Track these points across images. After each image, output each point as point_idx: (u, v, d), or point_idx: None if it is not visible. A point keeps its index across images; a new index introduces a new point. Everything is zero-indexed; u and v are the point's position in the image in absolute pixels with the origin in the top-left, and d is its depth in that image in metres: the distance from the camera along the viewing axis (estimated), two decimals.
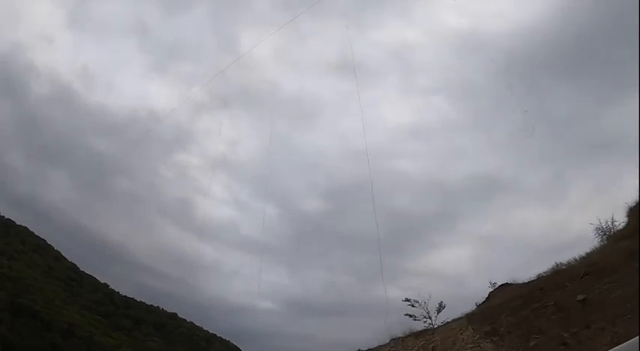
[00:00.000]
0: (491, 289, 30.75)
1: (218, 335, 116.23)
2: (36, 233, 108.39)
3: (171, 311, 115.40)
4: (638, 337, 6.60)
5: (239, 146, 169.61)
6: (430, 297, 30.27)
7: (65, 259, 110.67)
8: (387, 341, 25.17)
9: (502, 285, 29.80)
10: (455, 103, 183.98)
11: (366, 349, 25.71)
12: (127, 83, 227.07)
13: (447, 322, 24.23)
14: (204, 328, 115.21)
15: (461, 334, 21.47)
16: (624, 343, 7.77)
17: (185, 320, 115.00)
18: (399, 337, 24.05)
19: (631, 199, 25.36)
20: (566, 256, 26.58)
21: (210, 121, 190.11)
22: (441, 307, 29.60)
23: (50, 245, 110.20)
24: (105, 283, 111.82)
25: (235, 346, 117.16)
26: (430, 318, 29.07)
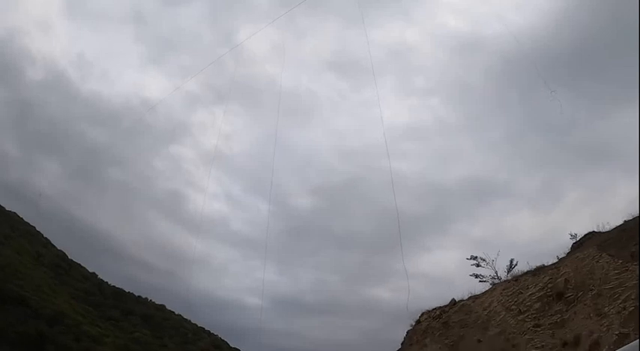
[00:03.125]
0: (573, 241, 27.14)
1: (206, 329, 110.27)
2: (25, 219, 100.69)
3: (160, 303, 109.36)
4: (638, 341, 6.53)
5: (232, 140, 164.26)
6: (498, 254, 26.47)
7: (54, 246, 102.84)
8: (490, 287, 21.36)
9: (587, 234, 26.32)
10: (451, 105, 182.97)
11: (467, 296, 21.67)
12: (123, 73, 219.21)
13: (568, 253, 20.64)
14: (193, 322, 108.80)
15: (597, 262, 17.84)
16: (625, 346, 7.65)
17: (173, 313, 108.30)
18: (512, 278, 20.19)
19: (623, 205, 22.30)
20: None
21: (205, 114, 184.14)
22: (512, 266, 25.73)
23: (39, 232, 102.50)
24: (94, 273, 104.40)
25: (223, 340, 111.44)
26: (499, 278, 25.30)
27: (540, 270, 19.78)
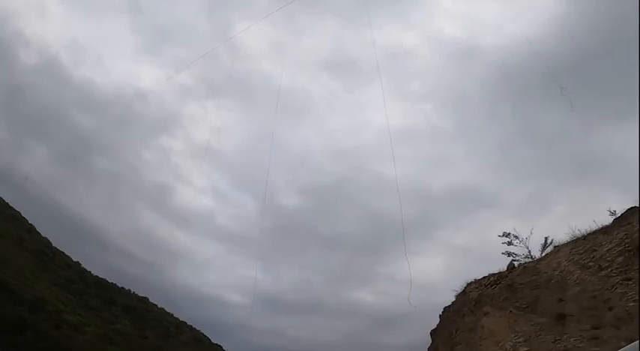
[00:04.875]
0: (613, 217, 25.55)
1: (188, 323, 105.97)
2: (10, 204, 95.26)
3: (143, 295, 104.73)
4: (638, 342, 6.33)
5: (223, 135, 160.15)
6: (532, 232, 24.59)
7: (38, 233, 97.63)
8: (547, 252, 19.60)
9: (629, 209, 24.82)
10: (444, 111, 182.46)
11: (523, 262, 19.80)
12: (116, 61, 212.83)
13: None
14: (175, 315, 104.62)
15: None
16: (625, 347, 7.38)
17: (156, 305, 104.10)
18: (579, 238, 18.43)
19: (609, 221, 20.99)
20: None
21: (197, 107, 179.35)
22: (546, 244, 23.88)
23: (24, 217, 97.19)
24: (77, 262, 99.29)
25: (205, 335, 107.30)
26: (532, 257, 23.49)
27: (609, 228, 18.17)
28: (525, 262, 20.18)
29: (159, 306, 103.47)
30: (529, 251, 25.02)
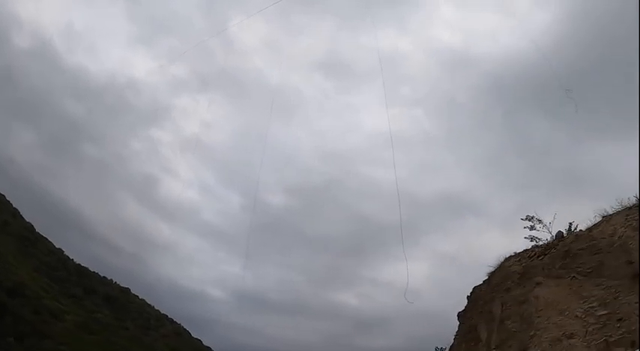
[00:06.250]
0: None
1: (169, 316, 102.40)
2: None
3: (124, 286, 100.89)
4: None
5: (212, 130, 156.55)
6: (555, 217, 23.77)
7: (22, 217, 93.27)
8: (596, 222, 18.89)
9: None
10: (435, 118, 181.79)
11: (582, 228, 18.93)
12: (110, 49, 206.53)
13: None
14: (156, 308, 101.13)
15: None
16: None
17: (137, 297, 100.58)
18: (631, 207, 17.79)
19: None
20: None
21: (188, 100, 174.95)
22: (570, 229, 23.11)
23: (9, 201, 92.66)
24: (59, 248, 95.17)
25: (185, 329, 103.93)
26: (557, 242, 22.71)
27: None
28: (576, 231, 19.35)
29: (140, 297, 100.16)
30: (552, 235, 24.23)
